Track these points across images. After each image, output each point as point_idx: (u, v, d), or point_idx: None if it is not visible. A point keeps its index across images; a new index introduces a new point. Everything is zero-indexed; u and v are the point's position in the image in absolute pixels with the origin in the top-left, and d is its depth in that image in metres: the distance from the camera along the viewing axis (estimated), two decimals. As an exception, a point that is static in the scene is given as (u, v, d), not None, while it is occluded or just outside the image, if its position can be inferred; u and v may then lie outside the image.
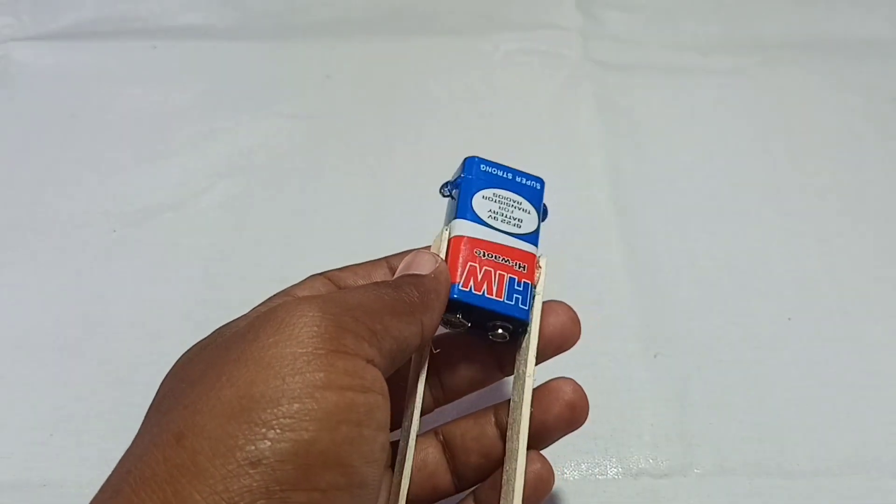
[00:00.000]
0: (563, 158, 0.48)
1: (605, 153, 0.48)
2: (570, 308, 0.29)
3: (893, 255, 0.43)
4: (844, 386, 0.38)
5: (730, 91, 0.51)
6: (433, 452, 0.29)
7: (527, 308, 0.28)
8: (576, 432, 0.29)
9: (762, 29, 0.55)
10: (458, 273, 0.27)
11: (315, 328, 0.21)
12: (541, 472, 0.27)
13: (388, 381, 0.23)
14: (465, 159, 0.31)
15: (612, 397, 0.37)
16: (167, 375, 0.24)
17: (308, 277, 0.29)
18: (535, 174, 0.31)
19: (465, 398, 0.31)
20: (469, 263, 0.28)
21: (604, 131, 0.49)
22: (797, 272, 0.42)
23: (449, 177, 0.32)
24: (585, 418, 0.28)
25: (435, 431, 0.29)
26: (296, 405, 0.19)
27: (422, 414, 0.28)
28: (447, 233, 0.29)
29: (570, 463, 0.35)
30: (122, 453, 0.21)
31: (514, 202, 0.30)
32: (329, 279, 0.28)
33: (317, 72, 0.53)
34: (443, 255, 0.28)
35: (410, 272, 0.26)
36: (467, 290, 0.27)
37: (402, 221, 0.44)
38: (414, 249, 0.29)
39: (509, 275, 0.28)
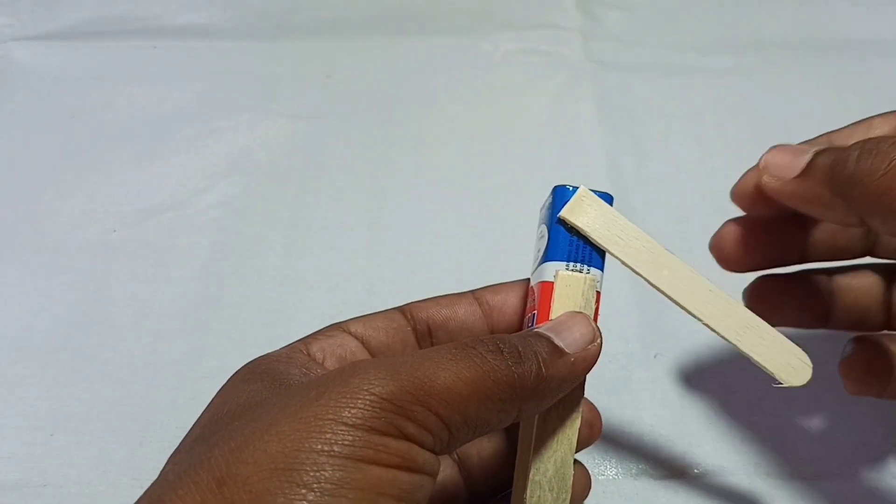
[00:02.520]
0: (563, 158, 0.48)
1: (605, 153, 0.48)
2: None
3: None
4: (844, 386, 0.38)
5: (730, 91, 0.51)
6: (450, 474, 0.28)
7: None
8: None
9: (762, 29, 0.55)
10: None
11: (378, 409, 0.19)
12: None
13: None
14: (556, 189, 0.26)
15: (612, 397, 0.37)
16: (219, 393, 0.23)
17: (390, 310, 0.27)
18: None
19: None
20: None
21: (604, 131, 0.49)
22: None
23: (450, 176, 0.31)
24: (599, 435, 0.28)
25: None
26: (339, 473, 0.18)
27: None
28: (592, 285, 0.24)
29: (570, 463, 0.35)
30: (121, 453, 0.21)
31: (539, 237, 0.26)
32: (411, 316, 0.27)
33: (317, 72, 0.53)
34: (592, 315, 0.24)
35: (550, 337, 0.23)
36: None
37: (402, 221, 0.44)
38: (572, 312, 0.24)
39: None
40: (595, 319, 0.23)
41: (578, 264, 0.24)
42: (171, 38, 0.54)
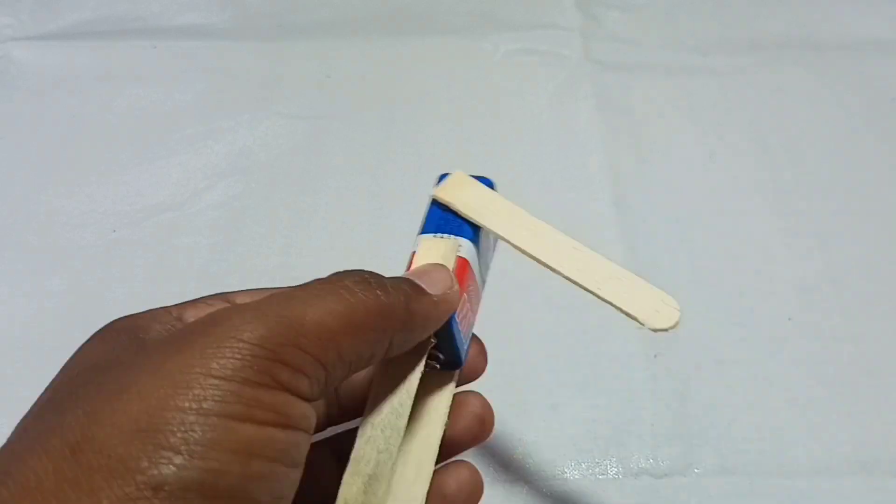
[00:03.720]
0: (563, 158, 0.48)
1: (605, 153, 0.48)
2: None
3: (893, 255, 0.43)
4: (844, 386, 0.38)
5: (730, 91, 0.51)
6: (327, 463, 0.26)
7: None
8: (576, 432, 0.29)
9: (762, 29, 0.55)
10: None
11: (249, 355, 0.18)
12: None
13: None
14: (440, 175, 0.28)
15: (612, 397, 0.37)
16: (73, 356, 0.21)
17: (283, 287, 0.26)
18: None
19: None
20: (464, 294, 0.24)
21: (604, 131, 0.49)
22: (797, 272, 0.42)
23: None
24: (491, 431, 0.27)
25: (327, 440, 0.27)
26: (209, 434, 0.17)
27: (315, 431, 0.25)
28: (453, 247, 0.25)
29: (571, 462, 0.35)
30: None
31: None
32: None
33: (317, 72, 0.53)
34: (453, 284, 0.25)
35: (415, 281, 0.23)
36: (459, 322, 0.24)
37: (401, 221, 0.44)
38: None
39: (473, 312, 0.26)
40: (461, 284, 0.24)
41: (445, 235, 0.26)
42: (171, 38, 0.54)
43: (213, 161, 0.48)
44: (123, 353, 0.20)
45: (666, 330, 0.24)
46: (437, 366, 0.25)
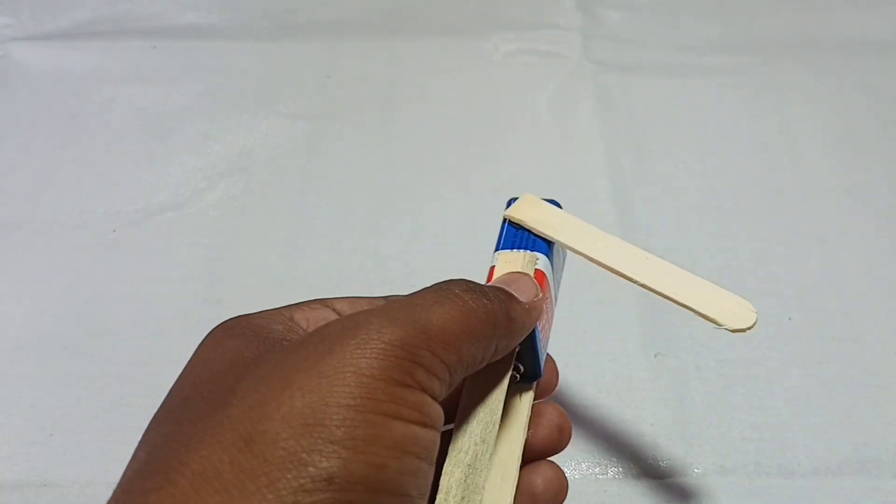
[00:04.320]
0: (563, 158, 0.48)
1: (605, 153, 0.48)
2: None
3: (893, 255, 0.43)
4: (844, 386, 0.38)
5: (730, 91, 0.51)
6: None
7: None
8: (576, 432, 0.29)
9: (762, 29, 0.55)
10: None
11: (393, 358, 0.19)
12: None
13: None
14: (509, 200, 0.30)
15: (612, 397, 0.37)
16: (199, 352, 0.22)
17: (375, 297, 0.27)
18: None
19: None
20: (545, 307, 0.26)
21: (604, 131, 0.49)
22: (797, 272, 0.42)
23: (450, 175, 0.32)
24: (569, 440, 0.27)
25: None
26: (369, 430, 0.18)
27: None
28: (531, 260, 0.26)
29: (571, 462, 0.35)
30: (121, 453, 0.20)
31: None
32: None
33: (317, 72, 0.53)
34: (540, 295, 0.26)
35: (507, 289, 0.24)
36: (540, 332, 0.25)
37: (401, 221, 0.44)
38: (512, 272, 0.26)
39: (549, 325, 0.27)
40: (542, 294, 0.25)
41: (520, 250, 0.27)
42: (171, 38, 0.54)
43: (213, 161, 0.48)
44: (265, 351, 0.21)
45: (744, 330, 0.25)
46: (518, 376, 0.26)
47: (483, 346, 0.22)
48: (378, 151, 0.48)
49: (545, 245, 0.27)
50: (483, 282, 0.26)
